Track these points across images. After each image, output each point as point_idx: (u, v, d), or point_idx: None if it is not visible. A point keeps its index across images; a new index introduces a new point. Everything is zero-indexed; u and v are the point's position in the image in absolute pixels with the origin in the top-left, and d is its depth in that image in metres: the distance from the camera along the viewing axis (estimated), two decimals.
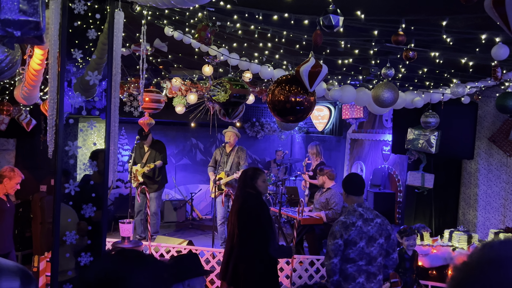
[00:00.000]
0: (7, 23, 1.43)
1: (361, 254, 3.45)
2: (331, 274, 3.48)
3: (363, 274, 3.44)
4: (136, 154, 7.43)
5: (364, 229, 3.46)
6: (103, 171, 2.91)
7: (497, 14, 1.72)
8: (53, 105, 2.74)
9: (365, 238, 3.45)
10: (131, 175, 7.38)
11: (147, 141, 7.40)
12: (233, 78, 4.77)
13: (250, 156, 10.52)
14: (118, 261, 1.23)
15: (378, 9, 3.30)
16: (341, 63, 4.60)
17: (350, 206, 3.60)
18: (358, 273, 3.45)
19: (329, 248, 3.48)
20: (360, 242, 3.45)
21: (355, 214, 3.52)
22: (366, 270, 3.45)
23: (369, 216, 3.52)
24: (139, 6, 3.49)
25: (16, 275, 1.27)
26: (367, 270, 3.45)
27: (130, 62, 4.86)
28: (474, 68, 4.36)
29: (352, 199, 3.62)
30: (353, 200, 3.61)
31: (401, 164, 7.35)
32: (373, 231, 3.47)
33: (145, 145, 7.46)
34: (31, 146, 7.83)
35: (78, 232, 2.70)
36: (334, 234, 3.48)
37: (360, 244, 3.44)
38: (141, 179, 7.26)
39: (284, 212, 6.82)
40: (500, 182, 6.21)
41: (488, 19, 2.27)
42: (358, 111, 7.97)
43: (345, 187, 3.68)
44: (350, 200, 3.63)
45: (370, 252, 3.45)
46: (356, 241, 3.44)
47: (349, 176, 3.87)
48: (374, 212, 3.58)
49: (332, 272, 3.48)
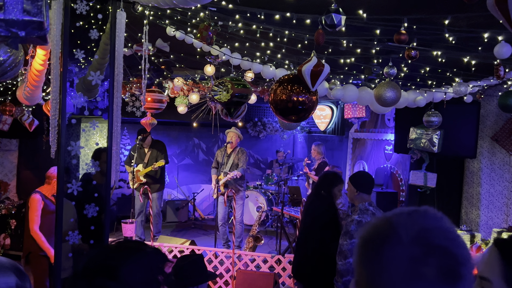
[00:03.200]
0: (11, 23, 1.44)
1: None
2: (345, 274, 3.42)
3: None
4: (137, 154, 7.42)
5: None
6: (105, 171, 2.92)
7: (500, 12, 1.72)
8: (55, 105, 2.75)
9: None
10: (131, 175, 7.35)
11: (146, 143, 7.38)
12: (235, 77, 4.77)
13: (252, 156, 10.53)
14: (113, 250, 1.23)
15: (380, 8, 3.29)
16: (343, 62, 4.59)
17: (361, 205, 3.51)
18: None
19: (344, 248, 3.40)
20: None
21: (368, 213, 3.44)
22: None
23: (379, 215, 3.51)
24: (141, 6, 3.50)
25: (11, 271, 1.29)
26: None
27: (132, 62, 4.86)
28: (476, 67, 4.35)
29: (362, 198, 3.53)
30: (363, 198, 3.53)
31: (403, 163, 7.33)
32: None
33: (144, 146, 7.44)
34: (33, 147, 7.84)
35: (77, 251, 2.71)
36: (350, 234, 3.38)
37: None
38: (144, 179, 7.25)
39: (286, 211, 6.82)
40: (503, 181, 6.19)
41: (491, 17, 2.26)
42: (360, 111, 7.96)
43: (357, 185, 3.56)
44: (360, 198, 3.54)
45: None
46: None
47: (361, 174, 3.79)
48: (381, 211, 3.55)
49: (346, 272, 3.41)
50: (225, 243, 7.19)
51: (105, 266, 1.17)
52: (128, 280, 1.16)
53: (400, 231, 0.84)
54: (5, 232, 6.90)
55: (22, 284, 1.28)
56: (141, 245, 1.27)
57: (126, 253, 1.22)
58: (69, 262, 3.46)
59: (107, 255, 1.21)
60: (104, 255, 1.21)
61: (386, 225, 0.87)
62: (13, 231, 6.91)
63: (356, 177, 3.66)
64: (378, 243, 0.85)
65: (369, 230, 0.90)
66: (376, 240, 0.86)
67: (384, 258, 0.83)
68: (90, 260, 1.20)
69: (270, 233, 8.40)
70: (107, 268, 1.17)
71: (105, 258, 1.20)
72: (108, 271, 1.16)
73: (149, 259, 1.22)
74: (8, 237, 6.92)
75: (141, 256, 1.22)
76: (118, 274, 1.16)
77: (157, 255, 1.27)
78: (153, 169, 7.18)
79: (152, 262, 1.22)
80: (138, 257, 1.21)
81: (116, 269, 1.16)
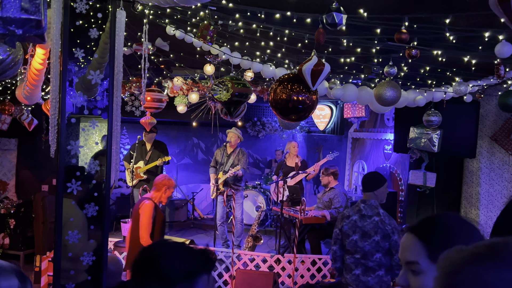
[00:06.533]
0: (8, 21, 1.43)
1: (355, 248, 3.59)
2: (333, 261, 3.79)
3: (360, 267, 3.58)
4: (137, 152, 7.41)
5: (358, 224, 3.59)
6: (105, 170, 2.91)
7: (502, 10, 1.71)
8: (55, 104, 2.74)
9: (358, 233, 3.58)
10: (131, 173, 7.34)
11: (149, 138, 7.38)
12: (235, 77, 4.76)
13: (251, 155, 10.52)
14: (158, 245, 1.57)
15: (381, 7, 3.29)
16: (343, 61, 4.58)
17: (359, 201, 3.74)
18: (355, 265, 3.60)
19: (332, 236, 3.80)
20: (353, 235, 3.60)
21: (355, 209, 3.68)
22: (364, 264, 3.56)
23: (368, 213, 3.59)
24: (141, 5, 3.49)
25: (13, 274, 1.29)
26: (365, 264, 3.56)
27: (132, 61, 4.85)
28: (476, 66, 4.34)
29: (363, 195, 3.75)
30: (363, 196, 3.74)
31: (403, 163, 7.33)
32: (369, 227, 3.55)
33: (147, 142, 7.44)
34: (33, 146, 7.82)
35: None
36: (336, 223, 3.77)
37: (353, 237, 3.60)
38: (144, 175, 7.24)
39: (286, 211, 6.81)
40: (502, 181, 6.19)
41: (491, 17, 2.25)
42: (360, 110, 7.95)
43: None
44: (363, 195, 3.76)
45: (363, 247, 3.55)
46: (349, 234, 3.63)
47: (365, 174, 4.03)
48: (376, 211, 3.59)
49: (333, 259, 3.78)
50: (224, 243, 7.19)
51: (153, 256, 1.50)
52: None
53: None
54: (4, 231, 6.88)
55: (24, 286, 1.28)
56: (180, 244, 1.59)
57: (170, 248, 1.55)
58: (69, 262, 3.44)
59: (155, 248, 1.58)
60: (152, 248, 1.59)
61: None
62: (12, 231, 6.89)
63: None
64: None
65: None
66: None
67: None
68: (143, 252, 1.56)
69: (269, 232, 8.40)
70: (155, 257, 1.49)
71: (153, 249, 1.55)
72: (155, 260, 1.47)
73: (187, 255, 1.52)
74: (7, 237, 6.90)
75: (181, 251, 1.53)
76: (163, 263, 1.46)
77: (194, 252, 1.56)
78: (158, 164, 7.20)
79: (189, 256, 1.53)
80: (178, 252, 1.52)
81: (161, 258, 1.47)
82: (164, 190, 4.64)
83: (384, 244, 3.53)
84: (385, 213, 3.62)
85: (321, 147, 10.03)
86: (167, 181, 4.68)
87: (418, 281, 1.23)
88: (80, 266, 2.65)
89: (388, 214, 3.64)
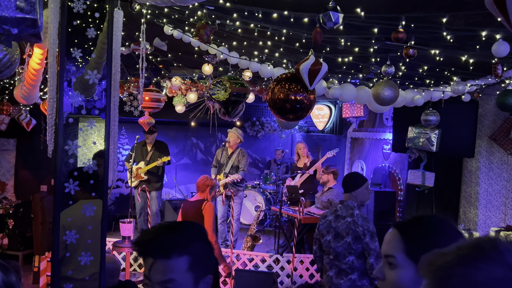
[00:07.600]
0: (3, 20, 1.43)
1: (329, 248, 3.54)
2: (315, 261, 3.82)
3: (334, 269, 3.50)
4: (137, 152, 7.40)
5: (333, 224, 3.53)
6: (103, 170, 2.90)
7: (498, 10, 1.71)
8: (52, 104, 2.73)
9: (332, 233, 3.52)
10: (131, 174, 7.34)
11: (151, 138, 7.37)
12: (233, 76, 4.76)
13: (250, 155, 10.52)
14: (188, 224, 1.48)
15: (378, 6, 3.29)
16: (341, 61, 4.58)
17: (338, 201, 3.71)
18: (330, 266, 3.54)
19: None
20: (327, 235, 3.55)
21: (332, 209, 3.65)
22: (338, 266, 3.47)
23: (342, 214, 3.52)
24: (139, 4, 3.48)
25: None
26: (338, 266, 3.47)
27: (130, 61, 4.85)
28: (474, 65, 4.35)
29: (344, 196, 3.69)
30: (344, 196, 3.68)
31: (401, 162, 7.33)
32: (342, 228, 3.47)
33: (148, 143, 7.43)
34: (31, 146, 7.82)
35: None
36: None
37: (327, 238, 3.56)
38: (145, 176, 7.24)
39: (284, 211, 6.82)
40: (501, 180, 6.20)
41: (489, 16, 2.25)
42: (359, 110, 7.96)
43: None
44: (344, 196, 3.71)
45: (336, 248, 3.48)
46: (323, 234, 3.59)
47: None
48: (351, 212, 3.49)
49: (315, 259, 3.79)
50: (223, 242, 7.19)
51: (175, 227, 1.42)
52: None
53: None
54: (3, 232, 6.88)
55: (7, 279, 1.28)
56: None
57: (197, 232, 1.45)
58: (67, 262, 3.44)
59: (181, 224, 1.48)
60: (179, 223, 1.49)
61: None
62: (10, 231, 6.89)
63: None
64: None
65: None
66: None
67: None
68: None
69: (268, 232, 8.40)
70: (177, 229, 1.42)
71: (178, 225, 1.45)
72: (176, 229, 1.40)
73: (209, 245, 1.45)
74: (6, 237, 6.90)
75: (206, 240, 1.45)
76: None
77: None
78: (158, 165, 7.19)
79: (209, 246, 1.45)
80: (203, 239, 1.44)
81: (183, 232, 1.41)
82: (208, 190, 4.81)
83: (357, 247, 3.40)
84: (360, 215, 3.48)
85: (320, 147, 10.02)
86: (209, 182, 4.85)
87: (393, 274, 1.26)
88: (78, 266, 2.65)
89: (365, 216, 3.51)
